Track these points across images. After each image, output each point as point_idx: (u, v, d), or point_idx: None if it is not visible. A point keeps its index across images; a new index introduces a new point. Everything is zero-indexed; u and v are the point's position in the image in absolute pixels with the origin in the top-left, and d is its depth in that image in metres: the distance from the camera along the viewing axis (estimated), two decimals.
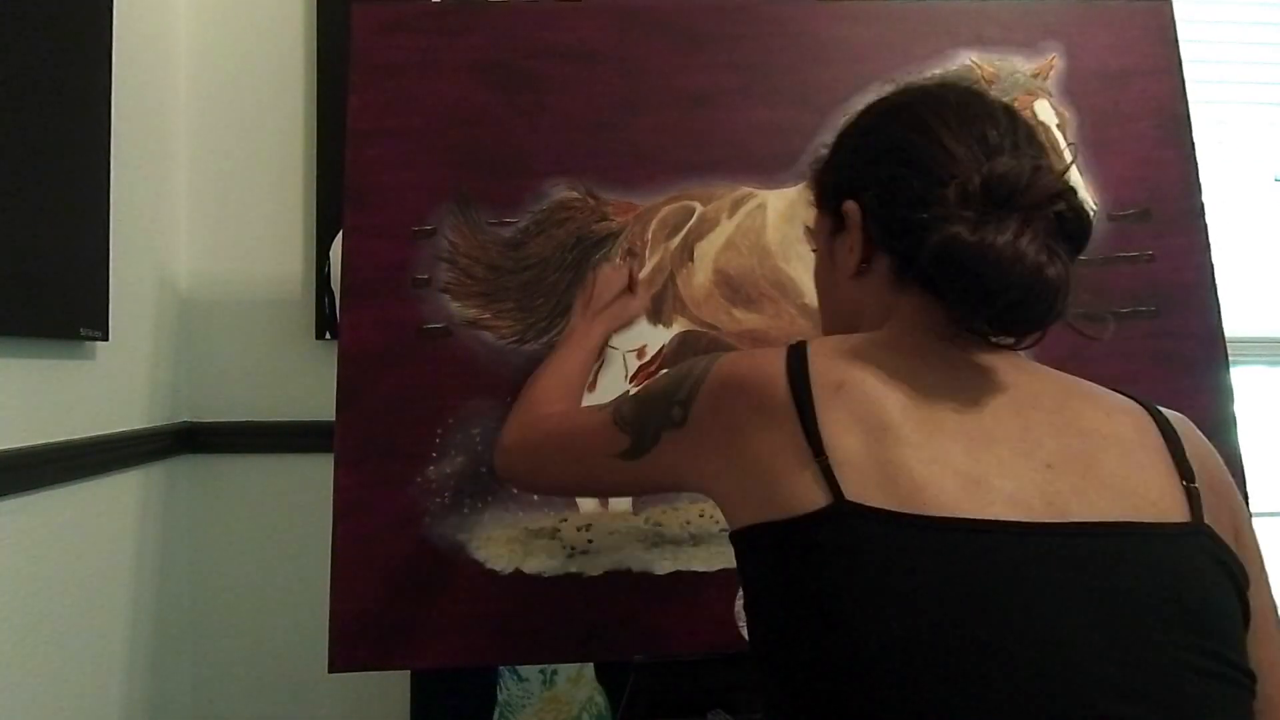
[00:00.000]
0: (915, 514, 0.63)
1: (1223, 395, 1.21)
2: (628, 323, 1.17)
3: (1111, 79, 1.28)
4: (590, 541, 1.12)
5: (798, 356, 0.71)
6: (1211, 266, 1.25)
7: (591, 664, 1.43)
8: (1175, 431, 0.72)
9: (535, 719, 1.44)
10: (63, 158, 1.26)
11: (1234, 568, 0.68)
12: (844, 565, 0.63)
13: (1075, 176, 1.25)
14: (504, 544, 1.12)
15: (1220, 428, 1.20)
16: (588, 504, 1.13)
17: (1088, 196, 1.25)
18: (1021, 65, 1.28)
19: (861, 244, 0.78)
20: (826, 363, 0.70)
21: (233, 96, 1.70)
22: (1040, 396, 0.72)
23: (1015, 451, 0.67)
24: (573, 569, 1.11)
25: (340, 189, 1.21)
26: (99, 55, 1.35)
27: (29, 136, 1.18)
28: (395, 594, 1.09)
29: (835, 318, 0.85)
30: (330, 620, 1.08)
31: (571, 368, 1.09)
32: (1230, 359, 1.23)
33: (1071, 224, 0.69)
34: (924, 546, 0.63)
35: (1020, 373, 0.73)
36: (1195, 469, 0.70)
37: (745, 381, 0.72)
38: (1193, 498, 0.68)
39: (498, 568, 1.11)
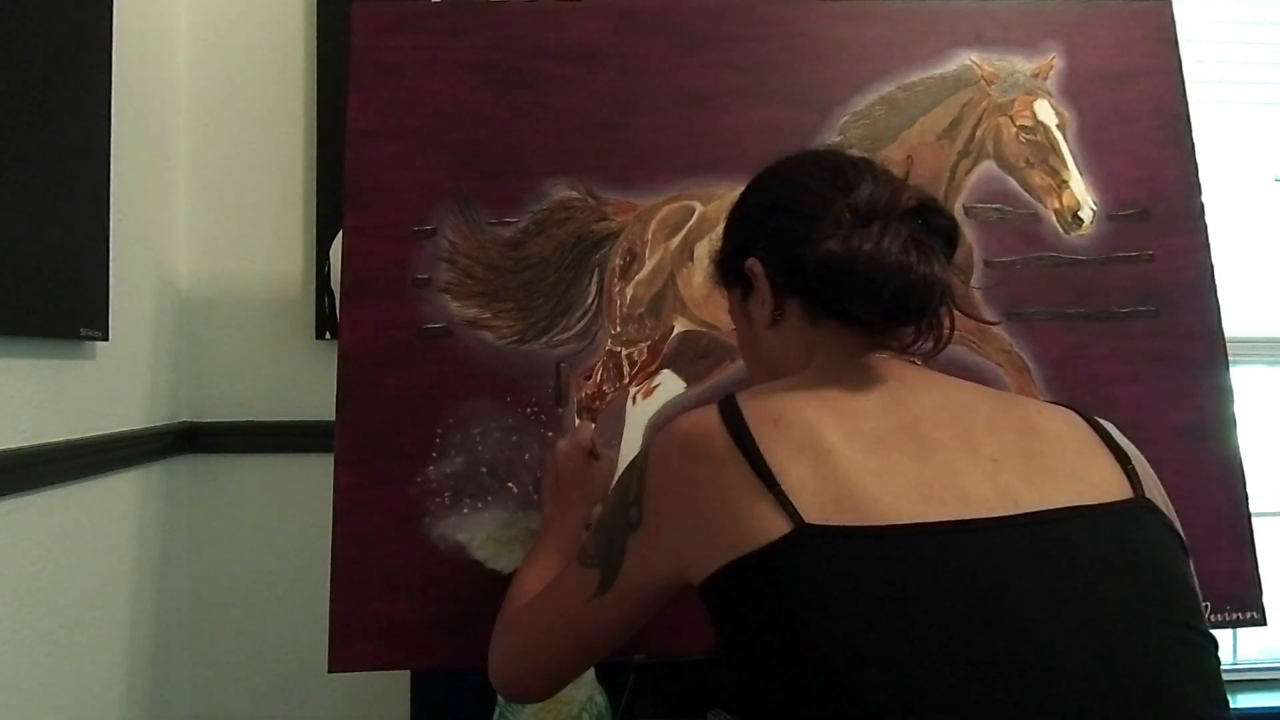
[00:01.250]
0: (876, 524, 0.65)
1: (1223, 395, 1.21)
2: (601, 493, 1.07)
3: (1111, 79, 1.28)
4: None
5: (730, 405, 0.75)
6: (1211, 266, 1.25)
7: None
8: (1103, 426, 0.77)
9: (535, 719, 1.44)
10: (63, 158, 1.26)
11: (1181, 538, 0.73)
12: (814, 586, 0.64)
13: (1075, 177, 1.25)
14: (504, 544, 1.12)
15: (1220, 428, 1.20)
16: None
17: (1087, 197, 1.25)
18: (1021, 65, 1.28)
19: (770, 294, 0.84)
20: (758, 403, 0.74)
21: (233, 96, 1.70)
22: (972, 403, 0.77)
23: (959, 452, 0.71)
24: None
25: (340, 189, 1.21)
26: (99, 55, 1.35)
27: (29, 136, 1.18)
28: (395, 594, 1.09)
29: (764, 371, 0.88)
30: (330, 620, 1.08)
31: (551, 562, 0.98)
32: (1230, 359, 1.23)
33: (937, 224, 0.78)
34: (890, 556, 0.65)
35: (947, 385, 0.79)
36: (1129, 454, 0.74)
37: (683, 443, 0.75)
38: (1131, 477, 0.72)
39: (498, 568, 1.11)
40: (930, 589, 0.64)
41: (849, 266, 0.74)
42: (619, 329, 1.19)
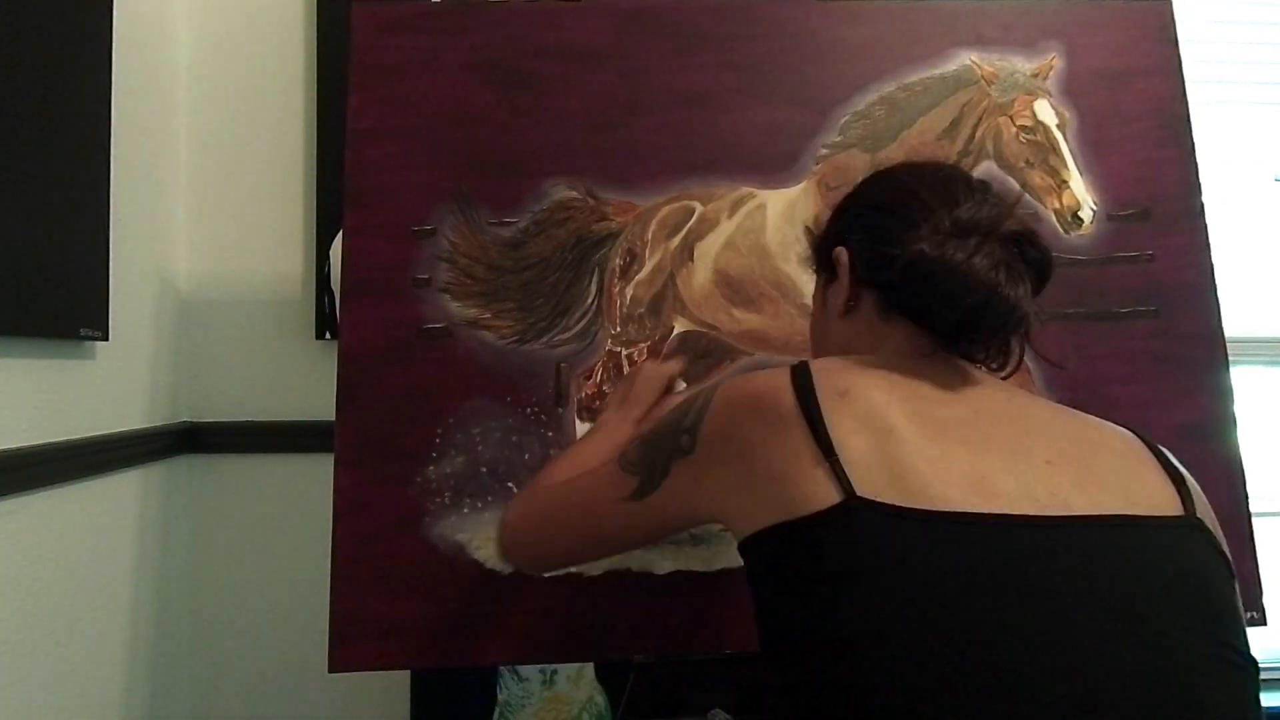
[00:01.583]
0: (925, 509, 0.66)
1: (1223, 395, 1.21)
2: None
3: (1111, 79, 1.28)
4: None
5: (802, 371, 0.75)
6: (1211, 266, 1.25)
7: (591, 664, 1.43)
8: (1159, 447, 0.78)
9: (535, 719, 1.43)
10: (63, 158, 1.26)
11: (1229, 560, 0.72)
12: (857, 559, 0.65)
13: (1075, 177, 1.25)
14: None
15: (1220, 428, 1.20)
16: None
17: (1087, 197, 1.25)
18: (1021, 65, 1.28)
19: (850, 284, 0.86)
20: (830, 374, 0.75)
21: (233, 96, 1.70)
22: (1030, 410, 0.78)
23: (1014, 453, 0.71)
24: (573, 569, 1.11)
25: (340, 189, 1.21)
26: (99, 55, 1.35)
27: (29, 136, 1.18)
28: (395, 594, 1.09)
29: (824, 354, 0.89)
30: (330, 620, 1.08)
31: (591, 456, 0.99)
32: (1230, 359, 1.23)
33: (1033, 256, 0.78)
34: (936, 539, 0.65)
35: (1008, 391, 0.80)
36: (1184, 475, 0.75)
37: (752, 398, 0.76)
38: (1184, 495, 0.72)
39: (498, 568, 1.11)
40: (973, 578, 0.64)
41: (936, 270, 0.75)
42: (619, 329, 1.19)
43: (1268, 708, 1.84)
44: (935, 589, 0.63)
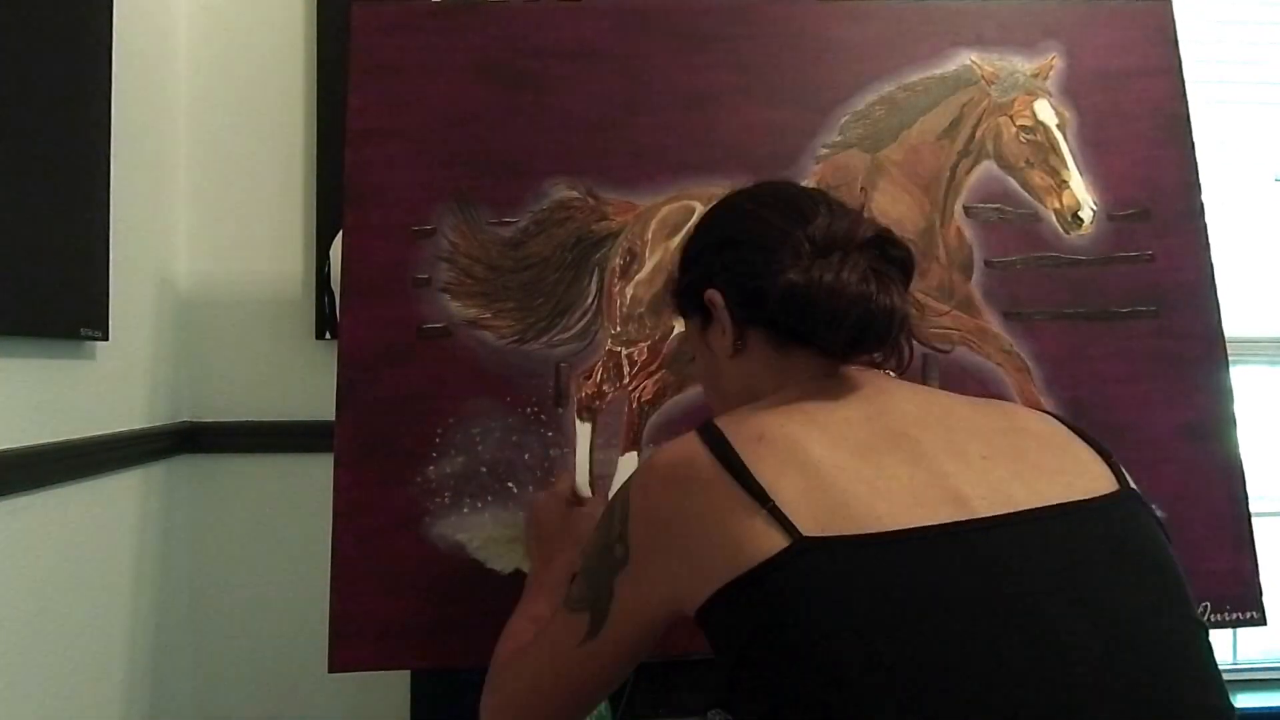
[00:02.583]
0: (872, 533, 0.65)
1: (1223, 395, 1.21)
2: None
3: (1111, 79, 1.28)
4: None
5: (709, 429, 0.74)
6: (1211, 266, 1.25)
7: None
8: (1078, 426, 0.79)
9: None
10: (63, 158, 1.26)
11: (1167, 527, 0.74)
12: (815, 599, 0.64)
13: (1075, 177, 1.25)
14: (504, 544, 1.12)
15: (1220, 428, 1.20)
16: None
17: (1087, 197, 1.25)
18: (1021, 65, 1.28)
19: (730, 324, 0.84)
20: (739, 424, 0.74)
21: (233, 96, 1.70)
22: (952, 407, 0.78)
23: (947, 454, 0.72)
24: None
25: (340, 189, 1.21)
26: (99, 55, 1.35)
27: (29, 136, 1.18)
28: (395, 594, 1.09)
29: (725, 400, 0.87)
30: (330, 620, 1.08)
31: (540, 608, 0.95)
32: (1230, 359, 1.23)
33: (895, 255, 0.80)
34: (889, 564, 0.64)
35: (924, 391, 0.82)
36: (1108, 449, 0.77)
37: (666, 474, 0.74)
38: (1115, 469, 0.74)
39: (498, 568, 1.11)
40: (933, 593, 0.63)
41: (810, 296, 0.76)
42: (619, 329, 1.19)
43: (1268, 709, 1.83)
44: (897, 611, 0.63)
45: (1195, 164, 1.27)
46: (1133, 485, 0.73)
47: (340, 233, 1.21)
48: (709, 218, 0.92)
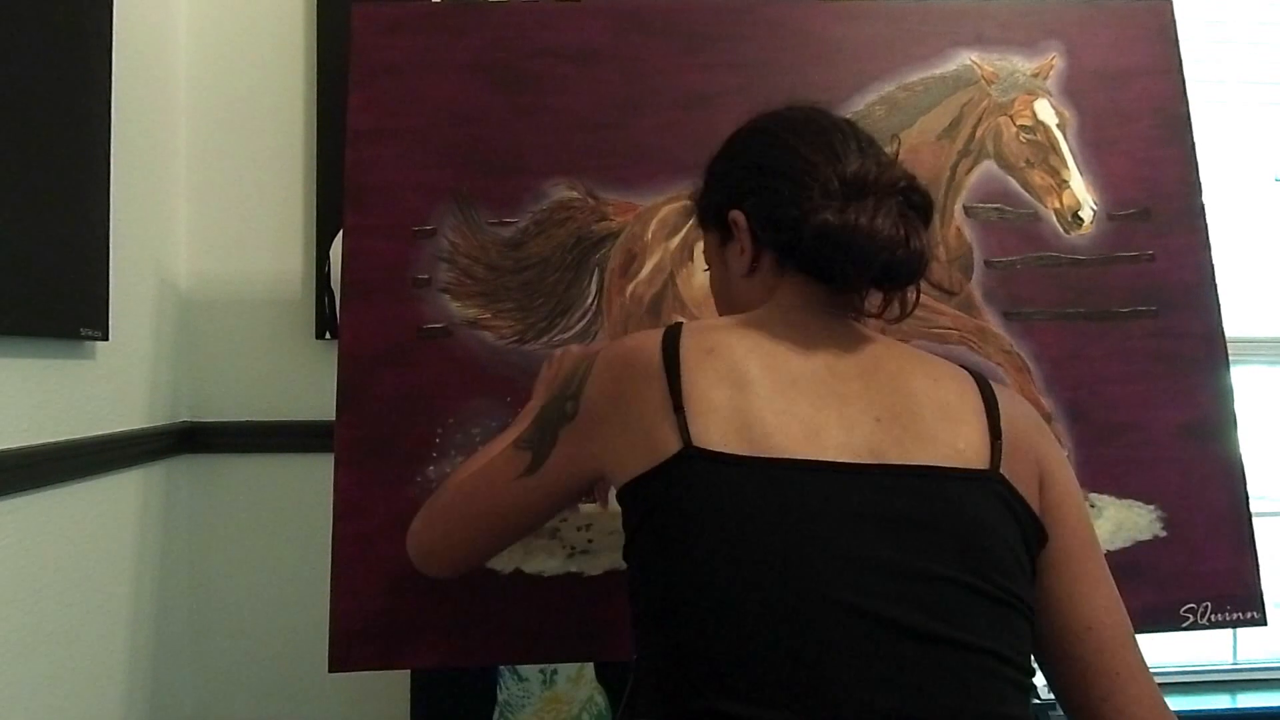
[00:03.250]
0: (758, 456, 0.74)
1: (1223, 395, 1.21)
2: None
3: (1111, 79, 1.28)
4: (590, 541, 1.12)
5: (671, 332, 0.81)
6: (1211, 266, 1.25)
7: (591, 664, 1.43)
8: (995, 399, 0.82)
9: (535, 719, 1.43)
10: (63, 158, 1.26)
11: (1022, 514, 0.78)
12: (689, 503, 0.73)
13: (1076, 176, 1.25)
14: None
15: (1220, 428, 1.20)
16: (588, 504, 1.13)
17: (1087, 197, 1.25)
18: (1021, 65, 1.28)
19: (751, 247, 0.88)
20: (700, 333, 0.81)
21: (233, 96, 1.70)
22: (882, 363, 0.83)
23: (853, 408, 0.78)
24: (573, 569, 1.11)
25: (340, 189, 1.21)
26: (99, 55, 1.35)
27: (29, 136, 1.18)
28: (395, 594, 1.09)
29: (734, 310, 0.92)
30: (330, 620, 1.08)
31: (500, 442, 1.00)
32: (1230, 359, 1.23)
33: (918, 201, 0.83)
34: (761, 482, 0.73)
35: (872, 343, 0.84)
36: (1004, 429, 0.80)
37: (627, 355, 0.82)
38: (995, 452, 0.79)
39: (498, 568, 1.11)
40: (786, 512, 0.72)
41: (845, 238, 0.80)
42: (619, 329, 1.19)
43: (1268, 708, 1.83)
44: (757, 524, 0.71)
45: (1195, 164, 1.27)
46: (1002, 471, 0.78)
47: (340, 233, 1.20)
48: (738, 139, 0.94)
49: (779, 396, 0.77)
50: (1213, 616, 1.15)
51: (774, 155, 0.87)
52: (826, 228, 0.80)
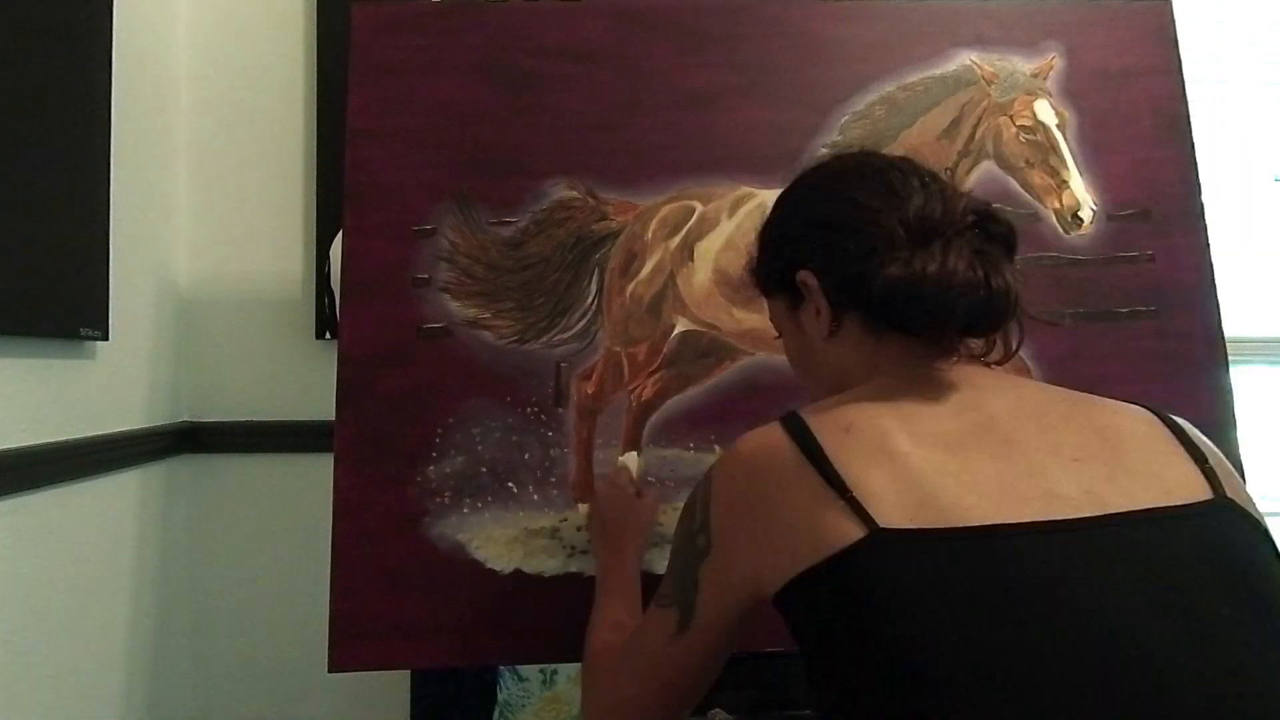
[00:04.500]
0: (954, 527, 0.64)
1: (1223, 395, 1.21)
2: (650, 530, 1.09)
3: (1111, 79, 1.28)
4: (590, 541, 1.12)
5: (794, 419, 0.74)
6: (1211, 266, 1.25)
7: None
8: (1178, 424, 0.76)
9: (535, 719, 1.43)
10: (63, 158, 1.26)
11: (1266, 530, 0.70)
12: (891, 592, 0.63)
13: (1075, 176, 1.25)
14: (504, 544, 1.12)
15: (1220, 428, 1.20)
16: (588, 504, 1.13)
17: (1087, 197, 1.25)
18: (1021, 65, 1.28)
19: (827, 305, 0.81)
20: (825, 415, 0.73)
21: (233, 96, 1.70)
22: (1046, 404, 0.76)
23: (1039, 451, 0.70)
24: (573, 569, 1.11)
25: (340, 189, 1.21)
26: (99, 55, 1.35)
27: (29, 136, 1.18)
28: (395, 594, 1.09)
29: (824, 384, 0.86)
30: (330, 620, 1.08)
31: (619, 613, 0.98)
32: (1230, 359, 1.23)
33: (996, 231, 0.77)
34: (970, 559, 0.63)
35: (1020, 386, 0.78)
36: (1205, 453, 0.73)
37: (748, 463, 0.74)
38: (1210, 477, 0.71)
39: (498, 568, 1.11)
40: (1013, 592, 0.62)
41: (914, 290, 0.73)
42: (619, 329, 1.19)
43: None
44: (975, 609, 0.61)
45: (1195, 164, 1.27)
46: (1228, 495, 0.70)
47: (340, 233, 1.20)
48: (793, 197, 0.88)
49: (950, 459, 0.68)
50: None
51: (831, 208, 0.81)
52: (895, 283, 0.74)
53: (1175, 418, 0.76)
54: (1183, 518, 0.67)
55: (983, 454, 0.69)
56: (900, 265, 0.74)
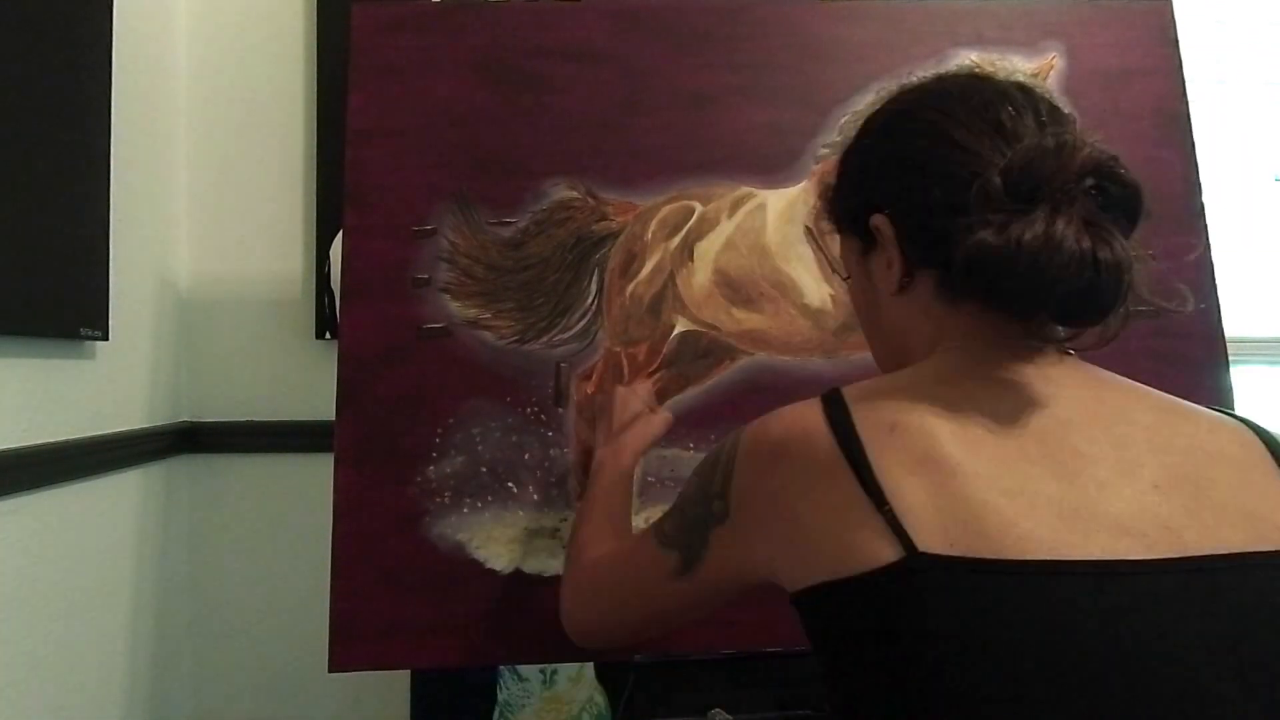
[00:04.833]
0: (1006, 559, 0.56)
1: (1223, 395, 1.21)
2: (654, 442, 1.08)
3: (1111, 79, 1.28)
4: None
5: (836, 404, 0.65)
6: (1211, 266, 1.25)
7: (591, 664, 1.43)
8: (1277, 443, 0.66)
9: (535, 719, 1.43)
10: (63, 158, 1.26)
11: None
12: (926, 625, 0.55)
13: None
14: (504, 544, 1.12)
15: None
16: None
17: None
18: (1021, 65, 1.28)
19: (900, 258, 0.71)
20: (872, 405, 0.64)
21: (233, 96, 1.70)
22: (1128, 410, 0.65)
23: (1114, 471, 0.60)
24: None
25: (340, 189, 1.21)
26: (99, 56, 1.35)
27: (29, 136, 1.18)
28: (395, 594, 1.09)
29: (885, 343, 0.78)
30: (330, 620, 1.08)
31: (609, 505, 0.97)
32: (1230, 359, 1.23)
33: (1116, 194, 0.63)
34: (1018, 598, 0.55)
35: (1104, 385, 0.68)
36: None
37: (782, 443, 0.66)
38: None
39: (498, 568, 1.11)
40: (1067, 643, 0.54)
41: (1005, 266, 0.60)
42: (619, 329, 1.19)
43: None
44: (1023, 656, 0.54)
45: (1195, 164, 1.27)
46: None
47: (340, 233, 1.20)
48: (881, 123, 0.75)
49: (1005, 472, 0.59)
50: None
51: (922, 145, 0.69)
52: (983, 250, 0.61)
53: (1275, 435, 0.67)
54: (1276, 566, 0.58)
55: (1045, 470, 0.60)
56: (993, 231, 0.61)
